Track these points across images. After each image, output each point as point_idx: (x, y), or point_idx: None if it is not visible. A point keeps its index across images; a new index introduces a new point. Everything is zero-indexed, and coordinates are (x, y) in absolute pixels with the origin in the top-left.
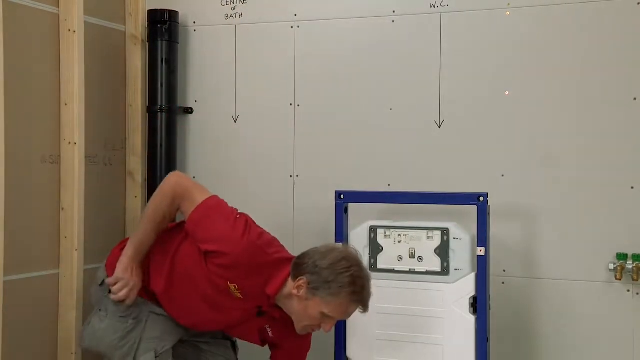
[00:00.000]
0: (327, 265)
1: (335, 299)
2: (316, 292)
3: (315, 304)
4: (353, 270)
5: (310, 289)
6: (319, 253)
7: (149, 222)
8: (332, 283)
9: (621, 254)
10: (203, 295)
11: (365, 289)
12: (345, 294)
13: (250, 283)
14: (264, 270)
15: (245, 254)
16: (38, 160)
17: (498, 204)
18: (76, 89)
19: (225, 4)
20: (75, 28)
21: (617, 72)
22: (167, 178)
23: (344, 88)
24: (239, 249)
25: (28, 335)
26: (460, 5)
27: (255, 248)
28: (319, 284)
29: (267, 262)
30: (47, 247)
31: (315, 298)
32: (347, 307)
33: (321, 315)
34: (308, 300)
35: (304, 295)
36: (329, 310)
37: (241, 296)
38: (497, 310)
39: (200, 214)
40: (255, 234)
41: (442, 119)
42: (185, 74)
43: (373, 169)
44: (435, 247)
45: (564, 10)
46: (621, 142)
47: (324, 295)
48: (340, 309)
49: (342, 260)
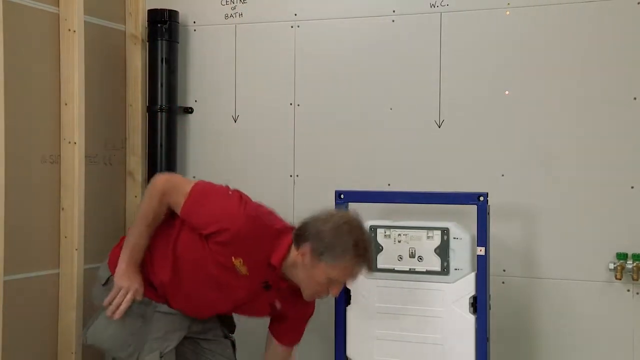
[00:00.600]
0: (329, 230)
1: (340, 263)
2: (321, 258)
3: (320, 269)
4: (355, 232)
5: (314, 255)
6: (320, 219)
7: (141, 224)
8: (335, 247)
9: (621, 254)
10: (209, 277)
11: (369, 250)
12: (349, 257)
13: (254, 255)
14: (265, 241)
15: (245, 227)
16: (38, 160)
17: (498, 203)
18: (76, 89)
19: (225, 4)
20: (75, 28)
21: (617, 72)
22: (153, 180)
23: (344, 88)
24: (239, 223)
25: (28, 334)
26: (460, 5)
27: (254, 219)
28: (322, 249)
29: (268, 232)
30: (47, 247)
31: (320, 264)
32: (352, 269)
33: (328, 280)
34: (313, 266)
35: (308, 262)
36: (335, 275)
37: (247, 272)
38: (497, 310)
39: (192, 201)
40: (251, 206)
41: (442, 118)
42: (185, 73)
43: (373, 169)
44: (435, 247)
45: (563, 10)
46: (621, 141)
47: (329, 260)
48: (345, 272)
49: (343, 224)
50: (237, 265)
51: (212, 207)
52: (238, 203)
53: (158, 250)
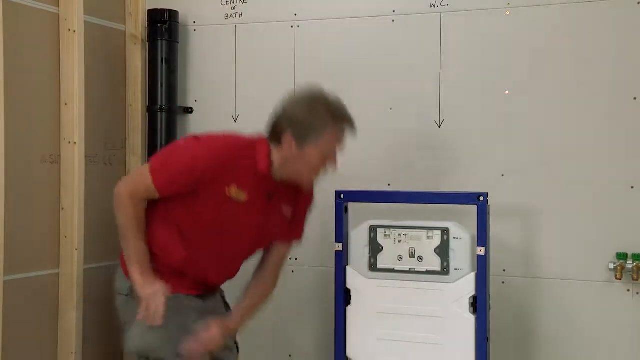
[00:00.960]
0: (300, 111)
1: (325, 136)
2: (305, 140)
3: (310, 151)
4: (324, 101)
5: (298, 142)
6: (286, 108)
7: (131, 234)
8: (314, 124)
9: (621, 254)
10: (218, 226)
11: (344, 110)
12: (331, 126)
13: (242, 175)
14: (243, 156)
15: (216, 154)
16: (38, 160)
17: (498, 203)
18: (76, 89)
19: (225, 4)
20: (75, 28)
21: (617, 72)
22: (115, 193)
23: (344, 88)
24: (211, 154)
25: (28, 334)
26: (460, 5)
27: (220, 144)
28: (304, 132)
29: (240, 147)
30: (47, 247)
31: (308, 146)
32: (338, 135)
33: (321, 158)
34: (302, 152)
35: (295, 150)
36: (325, 149)
37: (246, 196)
38: (497, 309)
39: (160, 176)
40: (210, 137)
41: (442, 118)
42: (185, 73)
43: (373, 169)
44: (435, 247)
45: (563, 10)
46: (621, 141)
47: (314, 139)
48: (333, 142)
49: (309, 99)
50: (234, 194)
51: (179, 164)
52: (196, 142)
53: (160, 236)
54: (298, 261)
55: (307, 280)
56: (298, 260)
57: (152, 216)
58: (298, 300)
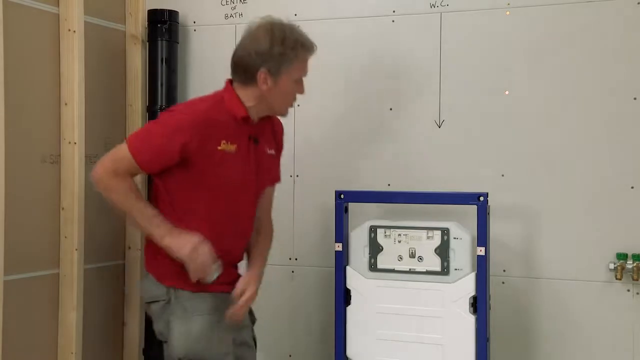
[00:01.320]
0: (269, 44)
1: (296, 62)
2: (280, 71)
3: (285, 81)
4: (287, 28)
5: (273, 74)
6: (250, 48)
7: (135, 206)
8: (286, 54)
9: (621, 254)
10: (222, 185)
11: (302, 33)
12: (301, 51)
13: (223, 127)
14: (217, 108)
15: (196, 118)
16: (38, 160)
17: (498, 203)
18: (76, 89)
19: (225, 4)
20: (75, 28)
21: (617, 72)
22: (95, 178)
23: (344, 88)
24: (190, 123)
25: (28, 335)
26: (460, 5)
27: (192, 108)
28: (277, 64)
29: (211, 103)
30: (47, 247)
31: (282, 76)
32: (305, 60)
33: (294, 85)
34: (278, 83)
35: (271, 83)
36: (296, 75)
37: (235, 147)
38: (497, 310)
39: (142, 153)
40: (177, 107)
41: (442, 118)
42: (185, 73)
43: (373, 169)
44: (435, 247)
45: (564, 10)
46: (621, 141)
47: (287, 67)
48: (302, 67)
49: (273, 30)
50: (225, 147)
51: (160, 139)
52: (171, 115)
53: (176, 222)
54: (298, 261)
55: (307, 281)
56: (298, 261)
57: (165, 209)
58: (298, 300)
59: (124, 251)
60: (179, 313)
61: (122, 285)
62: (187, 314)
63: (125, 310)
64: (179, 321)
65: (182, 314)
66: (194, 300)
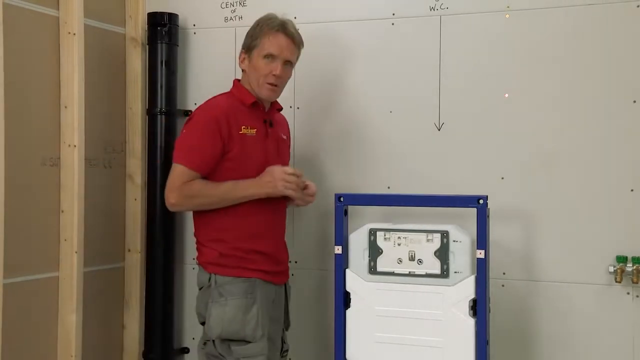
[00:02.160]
0: (250, 30)
1: (261, 38)
2: (251, 50)
3: (255, 57)
4: (264, 16)
5: (247, 53)
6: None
7: (212, 192)
8: (254, 34)
9: (621, 257)
10: (255, 165)
11: (285, 20)
12: (265, 28)
13: (240, 115)
14: (231, 100)
15: (217, 107)
16: (38, 162)
17: (498, 206)
18: (76, 92)
19: (225, 7)
20: (75, 31)
21: (617, 75)
22: (171, 205)
23: (343, 91)
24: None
25: (28, 338)
26: (459, 8)
27: (210, 103)
28: (248, 41)
29: (224, 96)
30: (47, 250)
31: (253, 53)
32: (275, 37)
33: (264, 61)
34: (252, 61)
35: (247, 62)
36: (264, 50)
37: (255, 130)
38: (496, 313)
39: (193, 160)
40: (198, 109)
41: (442, 121)
42: (184, 76)
43: (373, 172)
44: (435, 250)
45: (563, 13)
46: (621, 144)
47: (255, 45)
48: (269, 43)
49: (256, 21)
50: (247, 132)
51: (199, 140)
52: (195, 118)
53: (228, 221)
54: (298, 264)
55: (307, 283)
56: (298, 263)
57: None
58: (297, 303)
59: (124, 254)
60: (215, 297)
61: (122, 288)
62: (223, 298)
63: (125, 313)
64: (216, 304)
65: (218, 298)
66: (230, 285)
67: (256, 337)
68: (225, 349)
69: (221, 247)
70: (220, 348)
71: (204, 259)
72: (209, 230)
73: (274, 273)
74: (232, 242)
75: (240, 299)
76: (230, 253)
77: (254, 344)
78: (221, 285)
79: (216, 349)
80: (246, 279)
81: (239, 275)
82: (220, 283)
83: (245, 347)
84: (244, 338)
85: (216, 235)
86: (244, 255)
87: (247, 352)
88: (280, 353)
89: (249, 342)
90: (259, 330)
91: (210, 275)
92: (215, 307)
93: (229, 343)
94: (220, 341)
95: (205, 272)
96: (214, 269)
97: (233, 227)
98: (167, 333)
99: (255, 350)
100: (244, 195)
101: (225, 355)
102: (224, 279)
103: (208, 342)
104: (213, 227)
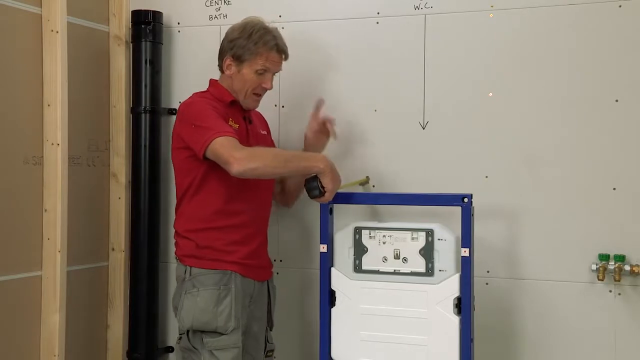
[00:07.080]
0: (237, 35)
1: (257, 56)
2: (242, 60)
3: (246, 69)
4: (258, 26)
5: (236, 61)
6: (227, 35)
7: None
8: (248, 45)
9: (603, 255)
10: None
11: (277, 34)
12: (262, 48)
13: (222, 111)
14: (211, 98)
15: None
16: (21, 161)
17: (482, 205)
18: (59, 90)
19: (210, 5)
20: (58, 28)
21: (600, 74)
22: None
23: (328, 89)
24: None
25: (10, 337)
26: (443, 7)
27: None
28: (239, 52)
29: (206, 94)
30: (30, 249)
31: (244, 64)
32: (266, 56)
33: (256, 75)
34: (240, 71)
35: (235, 69)
36: (257, 67)
37: (237, 125)
38: (481, 310)
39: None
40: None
41: (426, 120)
42: (169, 74)
43: (357, 170)
44: (419, 248)
45: (546, 13)
46: (603, 143)
47: (249, 57)
48: (264, 62)
49: (246, 25)
50: (233, 125)
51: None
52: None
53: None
54: (283, 263)
55: (292, 282)
56: (283, 262)
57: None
58: (282, 301)
59: (108, 253)
60: (188, 288)
61: (106, 287)
62: (195, 289)
63: (109, 312)
64: (188, 295)
65: (191, 289)
66: (203, 277)
67: (228, 329)
68: (198, 341)
69: (199, 238)
70: (193, 340)
71: (180, 252)
72: (188, 222)
73: (252, 267)
74: (211, 233)
75: (213, 289)
76: (207, 244)
77: (227, 336)
78: (195, 277)
79: (189, 341)
80: (221, 271)
81: (214, 268)
82: (195, 274)
83: (218, 339)
84: (215, 329)
85: (195, 226)
86: (222, 247)
87: (219, 343)
88: (264, 352)
89: (221, 334)
90: (231, 322)
91: (186, 267)
92: (187, 298)
93: (202, 335)
94: (193, 332)
95: (182, 265)
96: (190, 261)
97: (214, 219)
98: (151, 332)
99: (228, 343)
100: (305, 165)
101: (199, 348)
102: (199, 270)
103: (183, 335)
104: (193, 218)
